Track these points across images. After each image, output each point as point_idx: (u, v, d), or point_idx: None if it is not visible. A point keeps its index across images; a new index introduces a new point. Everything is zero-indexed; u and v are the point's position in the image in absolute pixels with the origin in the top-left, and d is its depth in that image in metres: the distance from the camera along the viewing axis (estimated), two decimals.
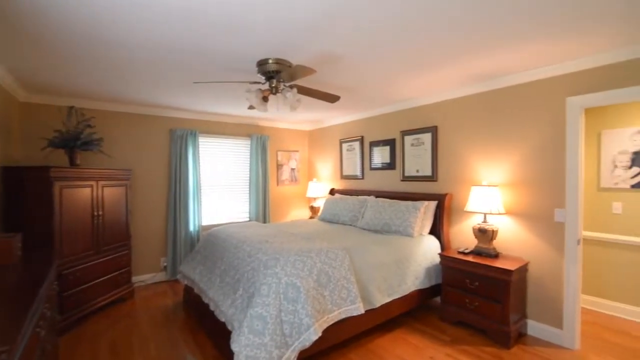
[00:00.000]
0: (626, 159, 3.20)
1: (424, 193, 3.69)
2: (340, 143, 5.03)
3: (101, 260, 3.29)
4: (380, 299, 2.67)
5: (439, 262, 3.21)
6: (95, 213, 3.22)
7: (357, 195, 4.43)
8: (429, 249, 3.23)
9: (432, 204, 3.45)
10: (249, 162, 5.03)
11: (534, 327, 2.82)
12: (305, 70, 2.13)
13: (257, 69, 2.52)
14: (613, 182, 3.27)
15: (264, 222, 5.05)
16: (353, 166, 4.84)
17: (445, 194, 3.43)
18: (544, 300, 2.77)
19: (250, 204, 5.00)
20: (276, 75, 2.45)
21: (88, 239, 3.15)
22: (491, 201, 2.89)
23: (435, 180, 3.65)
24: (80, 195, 3.07)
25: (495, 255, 2.90)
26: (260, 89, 2.49)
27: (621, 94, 2.35)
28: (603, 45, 2.26)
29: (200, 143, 4.57)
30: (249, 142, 5.03)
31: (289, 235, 3.08)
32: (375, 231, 3.57)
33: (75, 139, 3.18)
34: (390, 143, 4.21)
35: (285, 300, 2.09)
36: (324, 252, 2.49)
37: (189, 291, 3.39)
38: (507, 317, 2.62)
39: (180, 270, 3.46)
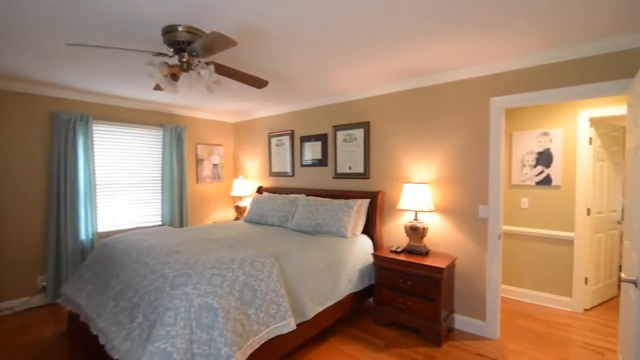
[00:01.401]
0: (532, 159, 3.51)
1: (356, 191, 3.56)
2: (269, 137, 4.65)
3: None
4: (314, 309, 2.41)
5: (372, 263, 3.10)
6: None
7: (287, 194, 4.12)
8: (362, 250, 3.08)
9: (365, 202, 3.32)
10: (161, 156, 4.30)
11: (461, 321, 2.88)
12: (224, 41, 1.72)
13: (162, 38, 2.01)
14: (522, 180, 3.57)
15: (181, 226, 4.39)
16: (282, 162, 4.50)
17: (378, 192, 3.33)
18: (470, 295, 2.84)
19: (163, 206, 4.29)
20: (188, 48, 1.98)
21: None
22: (422, 199, 2.86)
23: (368, 178, 3.54)
24: None
25: (426, 253, 2.89)
26: (166, 63, 1.99)
27: (539, 96, 2.48)
28: (522, 49, 2.35)
29: (94, 131, 3.72)
30: (161, 132, 4.31)
31: (207, 242, 2.62)
32: (307, 232, 3.30)
33: None
34: (322, 138, 3.99)
35: (198, 328, 1.66)
36: (249, 261, 2.12)
37: (74, 319, 2.66)
38: (438, 315, 2.60)
39: (62, 291, 2.71)
